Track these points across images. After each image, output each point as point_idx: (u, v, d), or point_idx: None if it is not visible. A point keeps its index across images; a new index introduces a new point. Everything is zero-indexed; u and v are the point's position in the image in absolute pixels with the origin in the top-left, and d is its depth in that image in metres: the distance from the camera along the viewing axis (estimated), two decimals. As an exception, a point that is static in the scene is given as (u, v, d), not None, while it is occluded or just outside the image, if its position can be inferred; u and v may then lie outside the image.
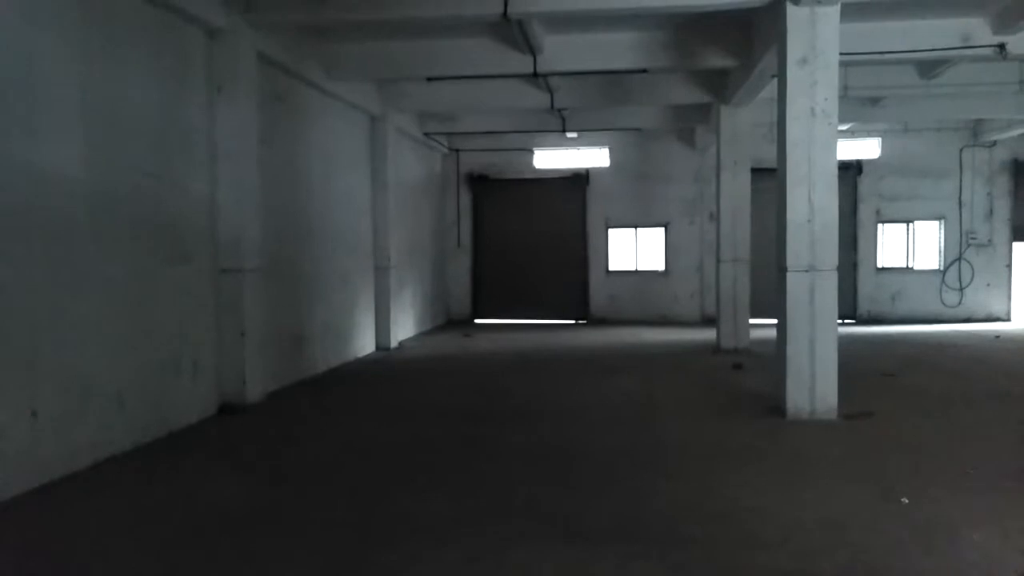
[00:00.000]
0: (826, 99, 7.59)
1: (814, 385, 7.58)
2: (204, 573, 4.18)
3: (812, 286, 7.58)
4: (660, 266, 18.89)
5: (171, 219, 7.56)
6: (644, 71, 10.92)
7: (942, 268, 18.35)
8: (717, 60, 10.45)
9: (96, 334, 6.39)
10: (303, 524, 4.94)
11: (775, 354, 8.03)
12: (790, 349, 7.62)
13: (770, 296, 8.37)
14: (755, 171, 13.21)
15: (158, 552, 4.49)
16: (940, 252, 18.45)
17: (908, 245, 18.65)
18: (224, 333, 8.37)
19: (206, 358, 8.14)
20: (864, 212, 18.34)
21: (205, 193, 8.17)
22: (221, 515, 5.11)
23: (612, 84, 12.95)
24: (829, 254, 7.61)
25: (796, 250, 7.62)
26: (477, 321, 19.17)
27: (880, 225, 18.49)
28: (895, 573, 4.03)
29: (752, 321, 13.14)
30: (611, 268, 18.99)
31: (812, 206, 7.59)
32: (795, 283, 7.61)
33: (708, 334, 14.71)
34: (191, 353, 7.86)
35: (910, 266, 18.56)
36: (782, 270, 7.72)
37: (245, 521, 5.00)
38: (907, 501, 5.18)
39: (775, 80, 8.42)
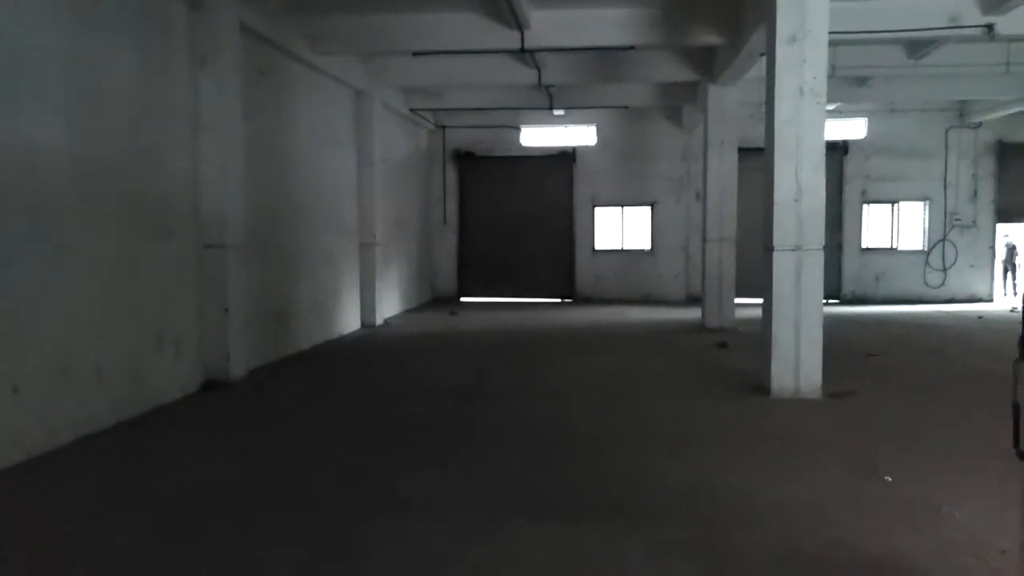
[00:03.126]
0: (815, 78, 7.55)
1: (799, 364, 7.61)
2: (187, 549, 4.15)
3: (798, 265, 7.58)
4: (646, 245, 18.89)
5: (154, 194, 7.46)
6: (632, 48, 10.83)
7: (926, 249, 18.46)
8: (706, 37, 10.38)
9: (78, 310, 6.31)
10: (287, 501, 4.91)
11: (760, 333, 8.04)
12: (775, 328, 7.63)
13: (755, 275, 8.37)
14: (742, 150, 13.18)
15: (141, 528, 4.45)
16: (925, 233, 18.55)
17: (893, 226, 18.73)
18: (207, 309, 8.29)
19: (189, 334, 8.06)
20: (849, 192, 18.39)
21: (188, 168, 8.06)
22: (204, 491, 5.07)
23: (600, 61, 12.87)
24: (815, 233, 7.61)
25: (783, 229, 7.61)
26: (463, 299, 19.13)
27: (865, 205, 18.54)
28: (880, 552, 4.05)
29: (737, 300, 13.15)
30: (597, 247, 18.97)
31: (799, 185, 7.58)
32: (781, 262, 7.61)
33: (693, 313, 14.74)
34: (174, 329, 7.78)
35: (895, 247, 18.65)
36: (768, 249, 7.71)
37: (228, 497, 4.96)
38: (891, 479, 5.21)
39: (763, 58, 8.37)
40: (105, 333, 6.66)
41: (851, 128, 16.76)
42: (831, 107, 15.80)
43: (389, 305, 15.09)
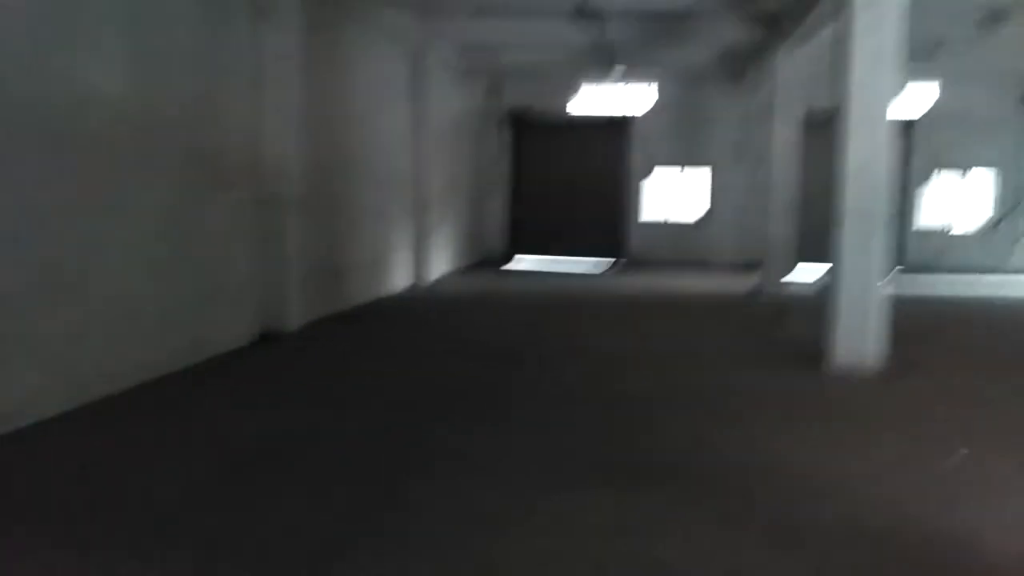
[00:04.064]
0: (892, 42, 7.25)
1: (864, 336, 7.40)
2: (244, 499, 4.18)
3: (866, 234, 7.36)
4: (702, 210, 18.57)
5: (214, 146, 7.49)
6: (698, 8, 10.53)
7: (994, 221, 17.88)
8: (776, -2, 10.05)
9: (140, 258, 6.38)
10: (342, 453, 4.93)
11: (824, 303, 7.84)
12: (840, 299, 7.43)
13: (816, 244, 8.16)
14: (807, 116, 12.79)
15: (200, 475, 4.50)
16: (993, 204, 17.96)
17: (960, 197, 18.15)
18: (265, 262, 8.35)
19: (247, 286, 8.13)
20: (916, 162, 17.81)
21: (248, 121, 8.07)
22: (261, 441, 5.12)
23: (663, 22, 12.54)
24: (885, 202, 7.37)
25: (852, 197, 7.37)
26: (513, 260, 19.05)
27: (932, 176, 17.97)
28: (949, 529, 3.92)
29: (797, 268, 12.89)
30: (651, 211, 18.71)
31: (870, 153, 7.33)
32: (848, 231, 7.39)
33: (750, 281, 14.46)
34: (233, 280, 7.85)
35: (961, 218, 18.09)
36: (836, 217, 7.49)
37: (285, 448, 5.00)
38: (960, 455, 5.05)
39: (835, 21, 8.08)
40: (165, 282, 6.74)
41: (920, 96, 16.15)
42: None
43: (440, 265, 15.08)
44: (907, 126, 17.40)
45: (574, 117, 18.24)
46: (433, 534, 3.77)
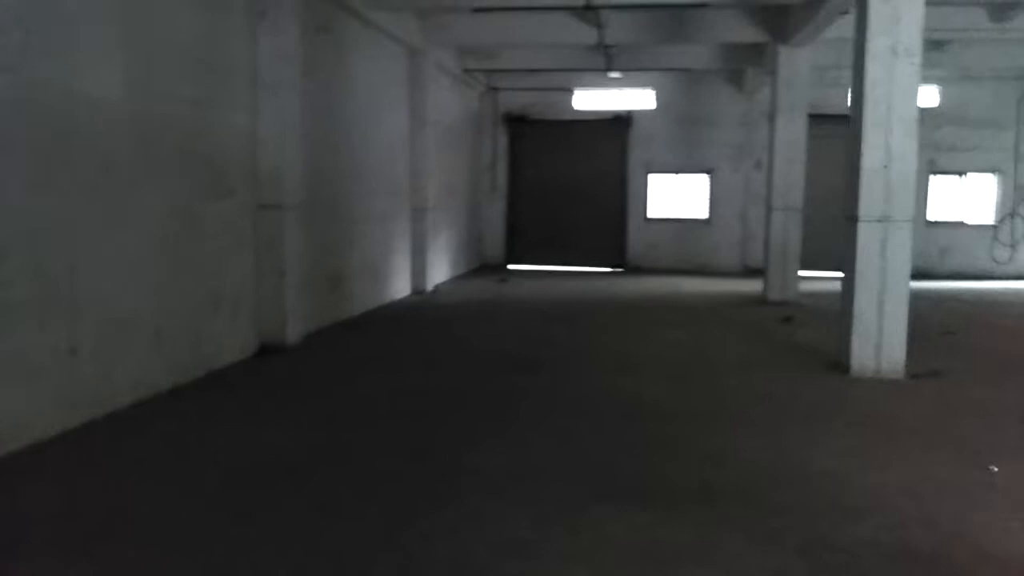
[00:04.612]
0: (910, 37, 7.06)
1: (881, 342, 7.20)
2: (251, 520, 3.93)
3: (884, 238, 7.15)
4: (702, 214, 18.36)
5: (212, 151, 7.24)
6: (703, 5, 10.31)
7: (995, 223, 17.71)
8: (784, -6, 9.84)
9: (135, 269, 6.12)
10: (351, 472, 4.69)
11: (839, 308, 7.62)
12: (857, 303, 7.22)
13: (820, 247, 7.94)
14: (810, 117, 12.57)
15: (199, 496, 4.25)
16: (994, 206, 17.79)
17: (960, 198, 17.97)
18: (264, 271, 8.09)
19: (245, 297, 7.87)
20: (917, 162, 17.60)
21: (246, 125, 7.82)
22: (263, 461, 4.86)
23: (664, 20, 12.33)
24: (905, 204, 7.19)
25: (869, 199, 7.17)
26: (511, 266, 18.81)
27: (932, 176, 17.78)
28: (1002, 549, 3.71)
29: (800, 273, 12.66)
30: (651, 215, 18.49)
31: (889, 152, 7.15)
32: (866, 234, 7.18)
33: (751, 285, 14.25)
34: (231, 291, 7.59)
35: (961, 220, 17.91)
36: (852, 220, 7.28)
37: (288, 469, 4.75)
38: (994, 468, 4.84)
39: (841, 18, 7.87)
40: (162, 294, 6.48)
41: (923, 95, 15.96)
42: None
43: (439, 271, 14.84)
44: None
45: (572, 120, 18.05)
46: (462, 565, 3.53)
